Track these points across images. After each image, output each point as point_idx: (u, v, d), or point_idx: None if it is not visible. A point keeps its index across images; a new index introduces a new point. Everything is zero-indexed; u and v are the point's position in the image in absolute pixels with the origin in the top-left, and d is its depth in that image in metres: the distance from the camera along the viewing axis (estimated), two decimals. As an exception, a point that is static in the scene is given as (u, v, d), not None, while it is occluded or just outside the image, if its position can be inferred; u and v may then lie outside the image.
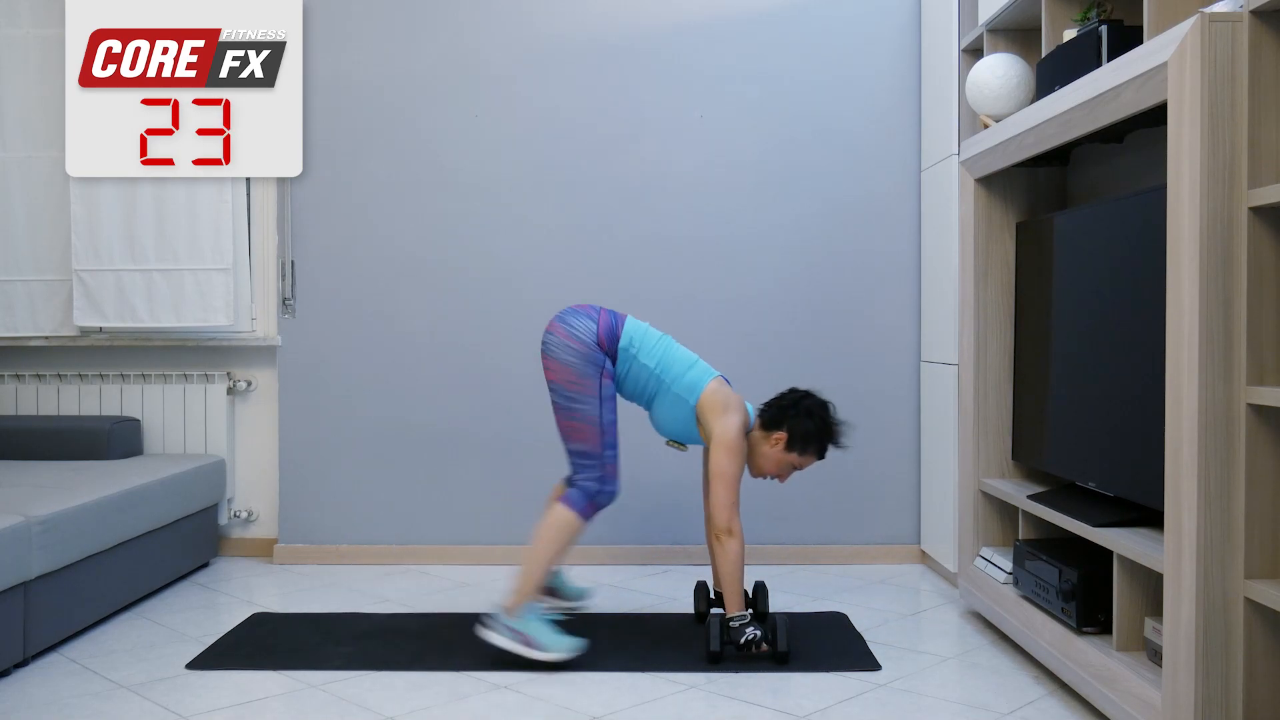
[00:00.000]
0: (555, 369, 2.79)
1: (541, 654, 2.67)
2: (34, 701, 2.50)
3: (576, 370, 2.76)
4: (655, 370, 2.84)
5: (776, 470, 2.91)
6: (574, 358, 2.77)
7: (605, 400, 2.78)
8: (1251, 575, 1.92)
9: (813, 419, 2.87)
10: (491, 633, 2.72)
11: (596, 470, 2.75)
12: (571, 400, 2.77)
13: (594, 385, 2.76)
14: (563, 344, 2.78)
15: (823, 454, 2.92)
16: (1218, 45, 1.92)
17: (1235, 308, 1.93)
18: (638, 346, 2.84)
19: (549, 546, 2.74)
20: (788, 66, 3.90)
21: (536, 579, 2.74)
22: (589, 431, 2.75)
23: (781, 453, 2.88)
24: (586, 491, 2.75)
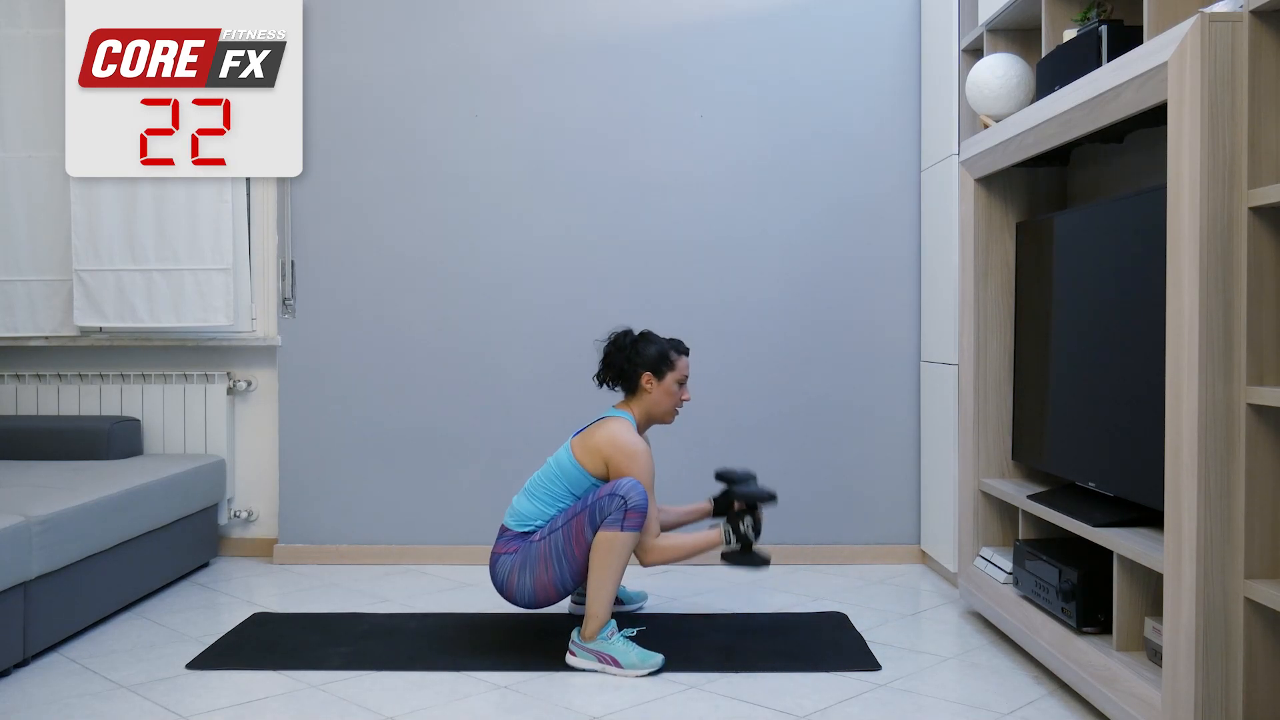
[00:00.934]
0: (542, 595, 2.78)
1: (624, 672, 2.67)
2: (34, 701, 2.50)
3: (535, 568, 2.76)
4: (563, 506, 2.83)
5: (674, 400, 2.93)
6: (526, 573, 2.76)
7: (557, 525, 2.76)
8: (1251, 575, 1.92)
9: (647, 343, 2.91)
10: (574, 658, 2.73)
11: (606, 506, 2.71)
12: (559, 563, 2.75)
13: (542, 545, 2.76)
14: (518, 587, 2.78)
15: (682, 350, 2.95)
16: (1218, 45, 1.92)
17: (1235, 308, 1.93)
18: (528, 521, 2.82)
19: (607, 570, 2.71)
20: (788, 66, 3.90)
21: (605, 602, 2.73)
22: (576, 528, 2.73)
23: (659, 385, 2.90)
24: (619, 512, 2.72)
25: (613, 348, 2.95)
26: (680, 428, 3.80)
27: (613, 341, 2.96)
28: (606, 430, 2.83)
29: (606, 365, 2.95)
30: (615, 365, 2.93)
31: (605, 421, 2.88)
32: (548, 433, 3.86)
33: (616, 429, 2.83)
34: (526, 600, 2.80)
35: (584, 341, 3.89)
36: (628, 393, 2.95)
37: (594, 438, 2.84)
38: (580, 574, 2.77)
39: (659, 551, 2.82)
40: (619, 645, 2.70)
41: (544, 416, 3.87)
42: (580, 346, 3.90)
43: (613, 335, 2.97)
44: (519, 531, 2.82)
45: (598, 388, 3.01)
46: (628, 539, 2.71)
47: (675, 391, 2.92)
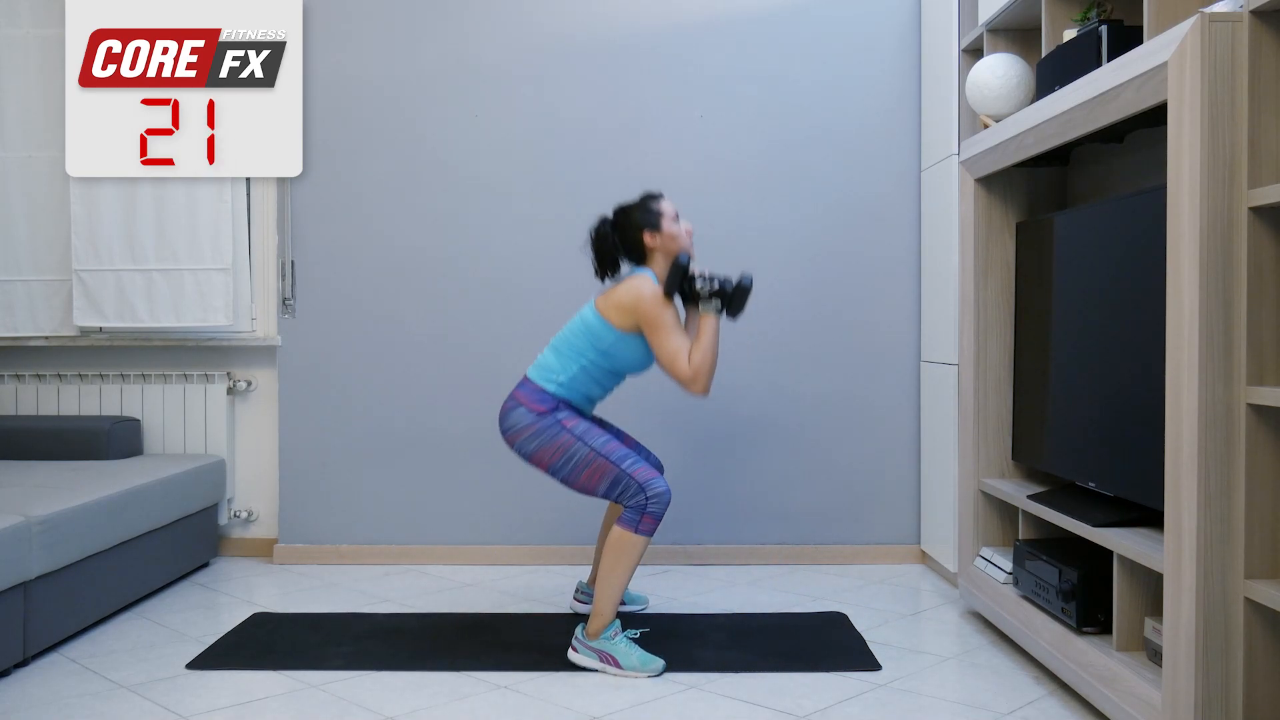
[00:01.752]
0: (537, 460, 2.81)
1: (625, 673, 2.67)
2: (34, 701, 2.50)
3: (546, 443, 2.78)
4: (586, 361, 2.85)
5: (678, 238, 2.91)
6: (535, 439, 2.79)
7: (584, 435, 2.78)
8: (1251, 575, 1.92)
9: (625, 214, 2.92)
10: (575, 654, 2.73)
11: (629, 485, 2.73)
12: (564, 464, 2.78)
13: (566, 437, 2.77)
14: (522, 441, 2.81)
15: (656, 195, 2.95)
16: (1218, 45, 1.92)
17: (1235, 308, 1.93)
18: (555, 371, 2.84)
19: (617, 569, 2.72)
20: (788, 66, 3.90)
21: (613, 601, 2.73)
22: (596, 468, 2.75)
23: (661, 235, 2.89)
24: (636, 508, 2.73)
25: (599, 241, 2.95)
26: (680, 428, 3.81)
27: (596, 236, 2.96)
28: (630, 283, 2.83)
29: (601, 256, 2.95)
30: (608, 248, 2.94)
31: (629, 278, 2.87)
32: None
33: (637, 281, 2.83)
34: (521, 454, 2.84)
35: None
36: (638, 261, 2.94)
37: (617, 292, 2.84)
38: (570, 485, 2.80)
39: (697, 371, 2.77)
40: (622, 646, 2.70)
41: (544, 416, 3.86)
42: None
43: (592, 232, 2.97)
44: (539, 385, 2.83)
45: (602, 281, 2.99)
46: (641, 543, 2.71)
47: (676, 230, 2.92)
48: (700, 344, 2.79)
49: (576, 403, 2.87)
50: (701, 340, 2.80)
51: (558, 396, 2.82)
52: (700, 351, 2.78)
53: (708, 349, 2.79)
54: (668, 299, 2.80)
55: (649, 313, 2.78)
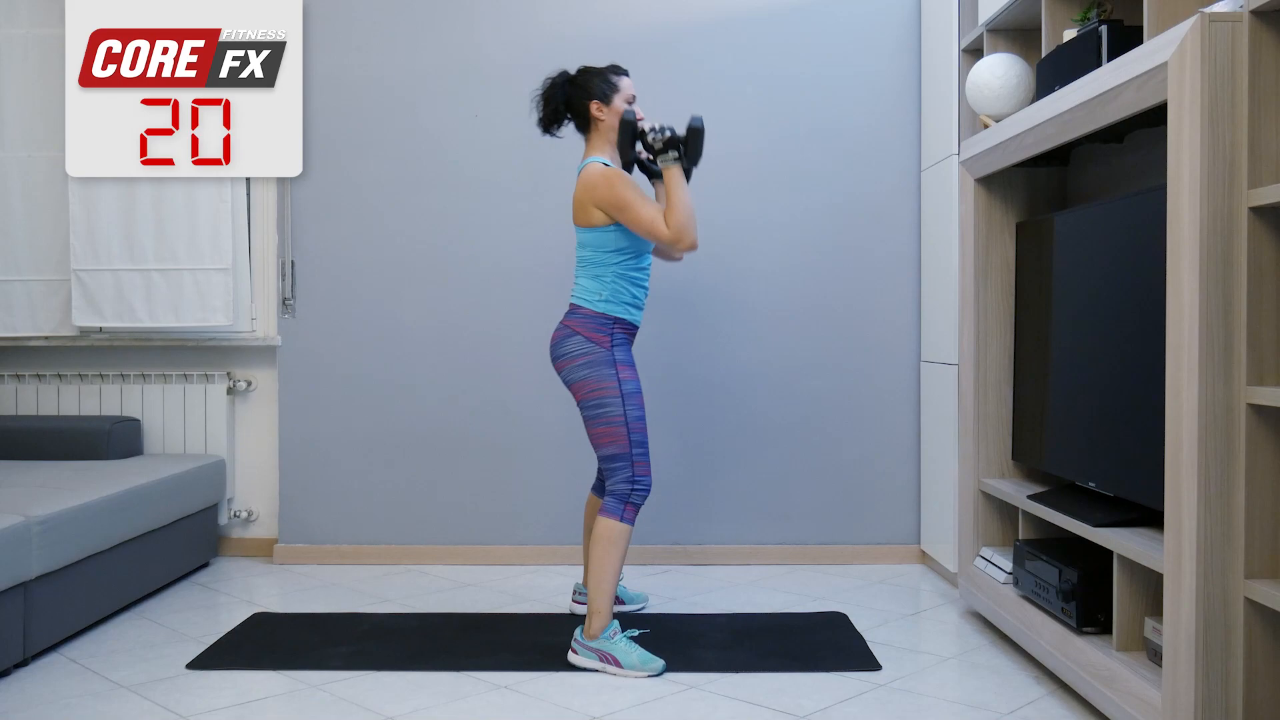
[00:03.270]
0: (577, 386, 2.82)
1: (625, 673, 2.67)
2: (34, 701, 2.50)
3: (593, 375, 2.78)
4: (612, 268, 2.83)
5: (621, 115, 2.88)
6: (587, 367, 2.79)
7: (629, 395, 2.78)
8: (1251, 575, 1.92)
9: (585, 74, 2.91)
10: (575, 656, 2.73)
11: (625, 470, 2.76)
12: (596, 406, 2.78)
13: (613, 385, 2.77)
14: (573, 368, 2.81)
15: (620, 70, 2.95)
16: (1218, 45, 1.92)
17: (1235, 308, 1.93)
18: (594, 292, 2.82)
19: (607, 561, 2.73)
20: (788, 66, 3.90)
21: (608, 595, 2.73)
22: (617, 433, 2.76)
23: (610, 110, 2.88)
24: (619, 496, 2.75)
25: (550, 90, 2.93)
26: (681, 427, 3.81)
27: (550, 86, 2.93)
28: (580, 179, 2.84)
29: (547, 104, 2.93)
30: (555, 103, 2.91)
31: (579, 176, 2.86)
32: (548, 432, 3.87)
33: (586, 172, 2.83)
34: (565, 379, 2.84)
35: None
36: (584, 131, 2.93)
37: (576, 197, 2.84)
38: (586, 428, 2.81)
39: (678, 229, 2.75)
40: (622, 645, 2.70)
41: (544, 416, 3.87)
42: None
43: (546, 81, 2.95)
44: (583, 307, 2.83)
45: (542, 133, 2.99)
46: (625, 530, 2.74)
47: (617, 113, 2.89)
48: (672, 201, 2.77)
49: (625, 313, 2.84)
50: (672, 196, 2.78)
51: (611, 316, 2.81)
52: (674, 209, 2.76)
53: (680, 203, 2.76)
54: (626, 170, 2.78)
55: (609, 195, 2.76)
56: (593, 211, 2.80)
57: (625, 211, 2.76)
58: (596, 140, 2.92)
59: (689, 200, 2.78)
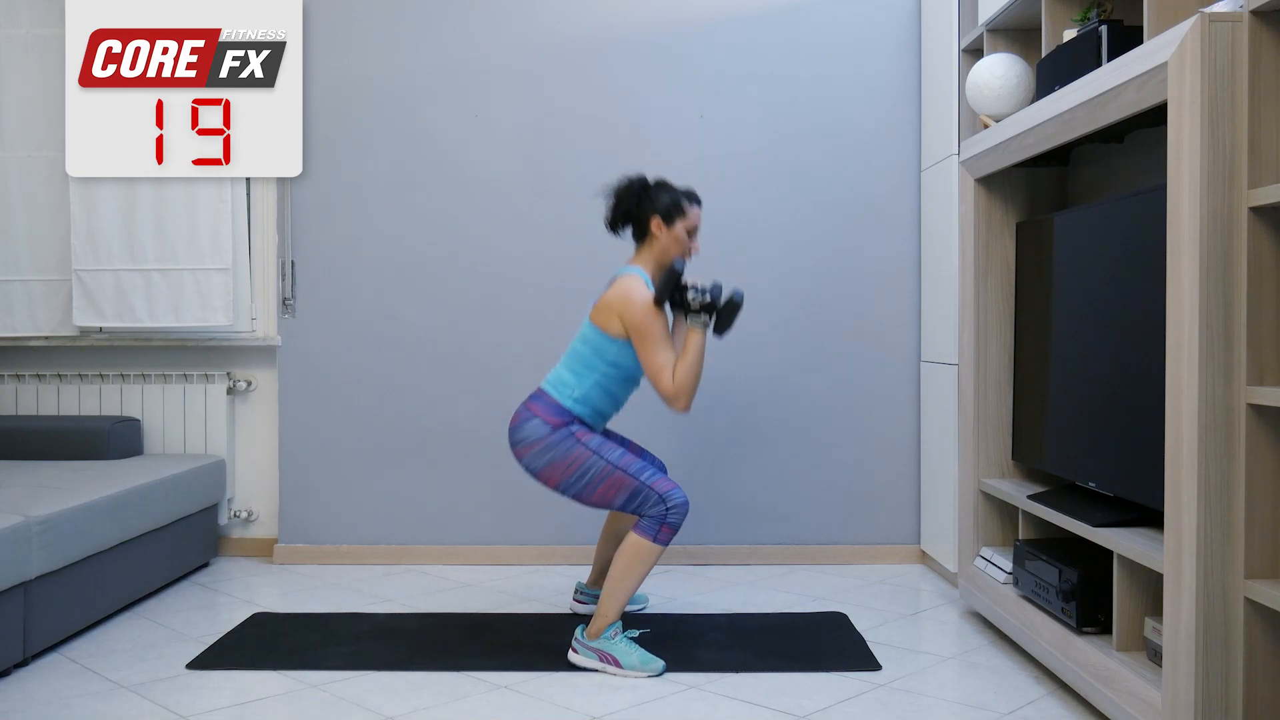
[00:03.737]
0: (546, 475, 2.79)
1: (625, 672, 2.67)
2: (34, 701, 2.50)
3: (559, 458, 2.76)
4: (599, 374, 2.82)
5: (682, 248, 2.89)
6: (548, 453, 2.76)
7: (599, 448, 2.76)
8: (1251, 575, 1.92)
9: (659, 188, 2.89)
10: (576, 655, 2.73)
11: (651, 498, 2.71)
12: (578, 479, 2.76)
13: (581, 451, 2.75)
14: (533, 455, 2.78)
15: (694, 199, 2.93)
16: (1218, 45, 1.92)
17: (1235, 308, 1.93)
18: (571, 387, 2.82)
19: (629, 576, 2.71)
20: (788, 66, 3.90)
21: (618, 605, 2.72)
22: (613, 482, 2.73)
23: (669, 232, 2.87)
24: (656, 518, 2.71)
25: (624, 190, 2.92)
26: (681, 427, 3.81)
27: (624, 184, 2.92)
28: (617, 286, 2.82)
29: (617, 205, 2.92)
30: (625, 206, 2.90)
31: (616, 280, 2.86)
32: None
33: (626, 283, 2.81)
34: (528, 469, 2.81)
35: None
36: (638, 239, 2.92)
37: (607, 296, 2.83)
38: (583, 501, 2.77)
39: (680, 389, 2.74)
40: (622, 646, 2.70)
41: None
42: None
43: (623, 181, 2.93)
44: (554, 398, 2.80)
45: (607, 231, 2.97)
46: (656, 551, 2.70)
47: (684, 240, 2.89)
48: (685, 361, 2.75)
49: (590, 419, 2.83)
50: (687, 356, 2.76)
51: (573, 412, 2.79)
52: (684, 368, 2.74)
53: (692, 366, 2.75)
54: (658, 307, 2.76)
55: (637, 319, 2.75)
56: (615, 320, 2.79)
57: (643, 343, 2.76)
58: (646, 253, 2.91)
59: (700, 369, 2.77)
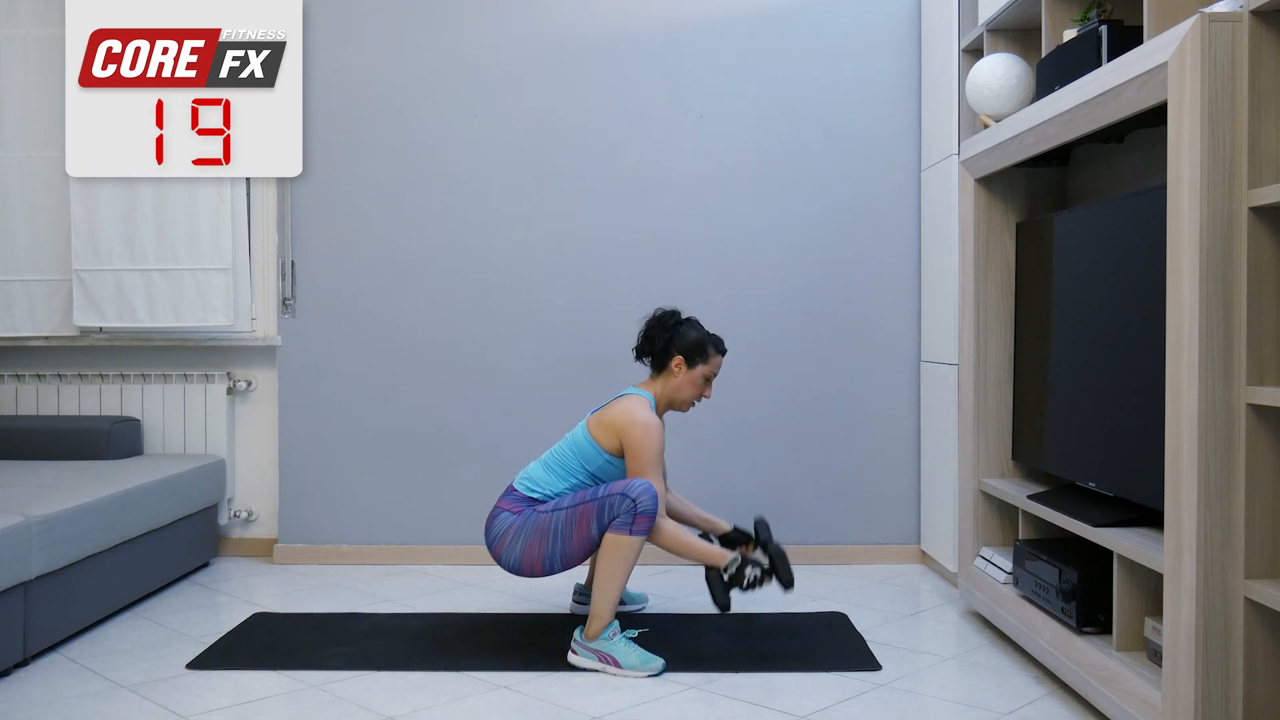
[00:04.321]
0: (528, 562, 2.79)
1: (625, 673, 2.67)
2: (34, 701, 2.50)
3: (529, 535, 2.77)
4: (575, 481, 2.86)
5: (697, 391, 2.94)
6: (519, 538, 2.78)
7: (555, 504, 2.79)
8: (1251, 575, 1.92)
9: (690, 327, 2.93)
10: (575, 656, 2.73)
11: (616, 502, 2.73)
12: (554, 543, 2.76)
13: (543, 518, 2.78)
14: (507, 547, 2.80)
15: (720, 348, 2.96)
16: (1218, 45, 1.92)
17: (1235, 308, 1.93)
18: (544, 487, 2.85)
19: (615, 573, 2.73)
20: (788, 66, 3.90)
21: (611, 603, 2.73)
22: (580, 520, 2.74)
23: (688, 372, 2.91)
24: (628, 513, 2.72)
25: (656, 323, 2.96)
26: (680, 426, 3.81)
27: (657, 317, 2.97)
28: (622, 405, 2.86)
29: (646, 338, 2.96)
30: (654, 340, 2.94)
31: (622, 398, 2.90)
32: (547, 432, 3.85)
33: (632, 404, 2.84)
34: (511, 565, 2.81)
35: (584, 341, 3.91)
36: (656, 370, 2.96)
37: (610, 412, 2.87)
38: (571, 558, 2.77)
39: (667, 535, 2.78)
40: (621, 646, 2.70)
41: (544, 416, 3.87)
42: (580, 346, 3.91)
43: (658, 311, 2.99)
44: (524, 494, 2.84)
45: (635, 360, 3.01)
46: (636, 543, 2.72)
47: (700, 384, 2.93)
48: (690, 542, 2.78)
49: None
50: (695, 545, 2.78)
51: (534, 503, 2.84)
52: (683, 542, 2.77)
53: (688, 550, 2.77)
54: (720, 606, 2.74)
55: (636, 441, 2.78)
56: (614, 438, 2.83)
57: (637, 460, 2.79)
58: (659, 383, 2.94)
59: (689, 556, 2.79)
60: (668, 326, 2.94)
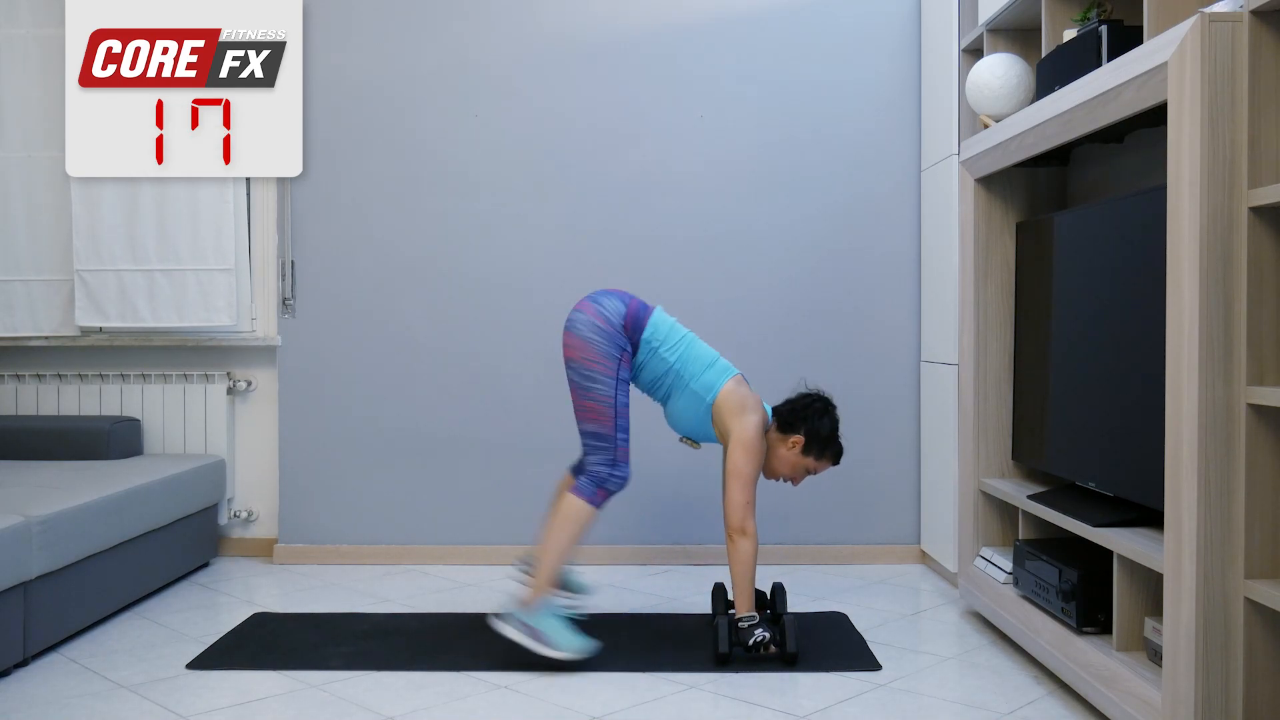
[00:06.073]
0: (577, 345, 2.78)
1: (551, 651, 2.67)
2: (34, 701, 2.50)
3: (598, 349, 2.76)
4: (674, 365, 2.84)
5: (791, 473, 2.92)
6: (598, 336, 2.77)
7: (621, 383, 2.78)
8: (1251, 575, 1.92)
9: (829, 420, 2.89)
10: (505, 625, 2.72)
11: (608, 453, 2.75)
12: (588, 378, 2.76)
13: (612, 366, 2.76)
14: (589, 321, 2.78)
15: (838, 459, 2.93)
16: (1218, 45, 1.92)
17: (1235, 308, 1.93)
18: (660, 339, 2.84)
19: (562, 537, 2.74)
20: (788, 66, 3.90)
21: (553, 571, 2.75)
22: (603, 412, 2.75)
23: (798, 456, 2.89)
24: (596, 478, 2.75)
25: (806, 397, 2.94)
26: (680, 428, 3.81)
27: (815, 396, 2.94)
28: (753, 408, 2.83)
29: (794, 406, 2.93)
30: (794, 409, 2.91)
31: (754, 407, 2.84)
32: (547, 432, 3.86)
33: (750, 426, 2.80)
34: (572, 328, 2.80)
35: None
36: (782, 430, 2.91)
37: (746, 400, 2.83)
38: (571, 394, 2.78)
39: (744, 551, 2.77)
40: (552, 623, 2.70)
41: (544, 416, 3.87)
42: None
43: (817, 390, 2.96)
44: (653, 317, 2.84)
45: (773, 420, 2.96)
46: (591, 514, 2.74)
47: (798, 470, 2.91)
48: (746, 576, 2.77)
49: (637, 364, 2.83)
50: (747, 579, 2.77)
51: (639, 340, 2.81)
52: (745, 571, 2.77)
53: (743, 579, 2.77)
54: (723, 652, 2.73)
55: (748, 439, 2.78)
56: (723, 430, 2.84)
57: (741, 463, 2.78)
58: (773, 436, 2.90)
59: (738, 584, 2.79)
60: (816, 409, 2.90)
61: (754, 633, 2.71)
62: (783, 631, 2.73)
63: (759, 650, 2.72)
